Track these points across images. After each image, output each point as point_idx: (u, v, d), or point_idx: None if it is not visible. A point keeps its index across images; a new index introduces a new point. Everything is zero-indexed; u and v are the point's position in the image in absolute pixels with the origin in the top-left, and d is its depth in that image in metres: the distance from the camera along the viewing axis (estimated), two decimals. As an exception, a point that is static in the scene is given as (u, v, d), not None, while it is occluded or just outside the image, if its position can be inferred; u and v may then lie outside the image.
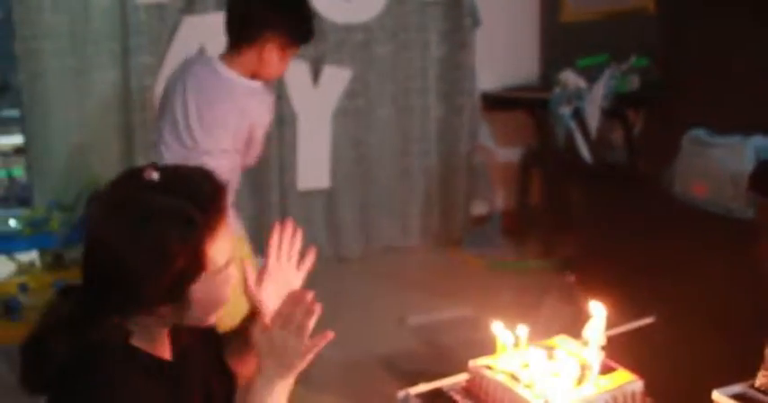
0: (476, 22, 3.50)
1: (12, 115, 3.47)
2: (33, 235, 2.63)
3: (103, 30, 2.93)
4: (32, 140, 2.98)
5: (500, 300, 2.60)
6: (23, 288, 2.87)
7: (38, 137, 2.96)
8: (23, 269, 2.78)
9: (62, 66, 2.90)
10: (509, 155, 3.93)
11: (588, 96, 3.17)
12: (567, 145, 3.30)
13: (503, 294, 2.74)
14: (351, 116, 3.34)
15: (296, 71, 3.13)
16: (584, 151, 3.21)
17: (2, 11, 2.99)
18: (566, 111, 3.24)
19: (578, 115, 3.22)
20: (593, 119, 3.13)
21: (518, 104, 3.73)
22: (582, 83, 3.22)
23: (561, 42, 3.82)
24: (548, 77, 3.82)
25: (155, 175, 0.99)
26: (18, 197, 4.43)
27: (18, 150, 4.70)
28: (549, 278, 2.61)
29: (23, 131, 3.01)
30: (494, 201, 3.95)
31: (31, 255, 2.76)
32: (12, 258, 2.74)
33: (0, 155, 4.71)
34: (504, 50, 3.78)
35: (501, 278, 3.20)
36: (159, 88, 2.93)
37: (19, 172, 4.65)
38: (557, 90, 3.33)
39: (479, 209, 3.86)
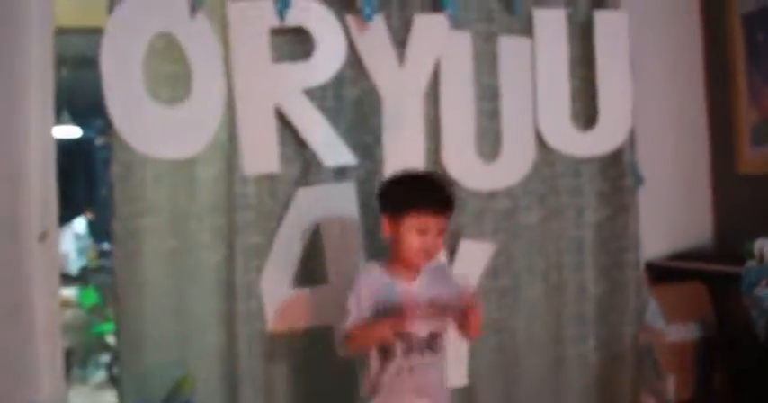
0: (638, 181, 2.94)
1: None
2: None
3: (208, 205, 2.56)
4: (124, 328, 2.54)
5: None
6: None
7: (131, 324, 2.53)
8: None
9: (161, 245, 2.53)
10: (680, 333, 3.25)
11: (797, 276, 2.51)
12: None
13: None
14: (493, 298, 2.78)
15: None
16: (796, 346, 2.50)
17: (105, 189, 2.68)
18: (766, 292, 2.58)
19: (784, 299, 2.55)
20: (810, 308, 2.45)
21: (690, 275, 3.10)
22: (787, 258, 2.57)
23: (741, 198, 3.21)
24: (724, 241, 3.20)
25: None
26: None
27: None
28: None
29: (115, 319, 2.61)
30: (665, 390, 3.24)
31: None
32: None
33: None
34: (668, 212, 3.20)
35: None
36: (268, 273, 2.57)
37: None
38: (750, 264, 2.68)
39: (647, 400, 3.15)
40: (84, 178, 4.79)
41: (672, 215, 3.22)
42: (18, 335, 2.53)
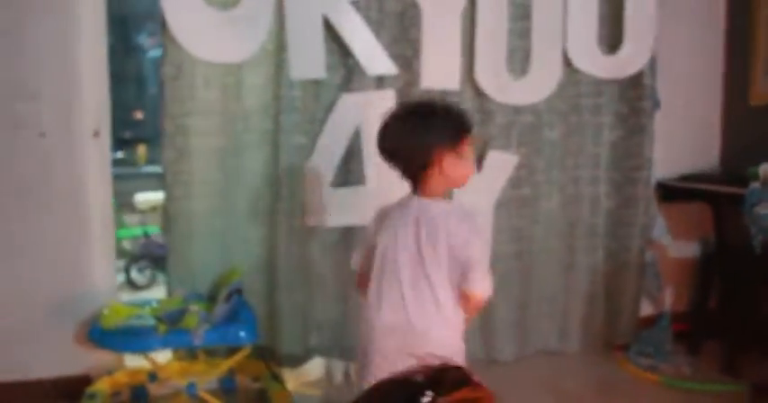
0: (656, 105, 3.10)
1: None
2: (168, 334, 2.37)
3: (255, 107, 2.69)
4: (173, 225, 2.71)
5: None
6: (153, 377, 2.66)
7: (180, 220, 2.70)
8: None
9: (209, 144, 2.68)
10: (682, 250, 3.49)
11: (797, 196, 2.70)
12: (766, 249, 2.82)
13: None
14: (513, 206, 2.98)
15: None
16: (789, 261, 2.71)
17: (156, 88, 2.80)
18: (766, 212, 2.78)
19: (783, 217, 2.75)
20: (806, 224, 2.64)
21: (696, 196, 3.28)
22: (789, 180, 2.76)
23: (750, 128, 3.37)
24: (730, 167, 3.37)
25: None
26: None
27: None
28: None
29: (165, 216, 2.75)
30: (663, 300, 3.49)
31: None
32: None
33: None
34: (681, 136, 3.37)
35: (674, 398, 2.75)
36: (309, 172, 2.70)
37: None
38: (754, 185, 2.87)
39: (646, 309, 3.41)
40: (134, 80, 4.82)
41: (684, 139, 3.39)
42: (74, 223, 2.72)
